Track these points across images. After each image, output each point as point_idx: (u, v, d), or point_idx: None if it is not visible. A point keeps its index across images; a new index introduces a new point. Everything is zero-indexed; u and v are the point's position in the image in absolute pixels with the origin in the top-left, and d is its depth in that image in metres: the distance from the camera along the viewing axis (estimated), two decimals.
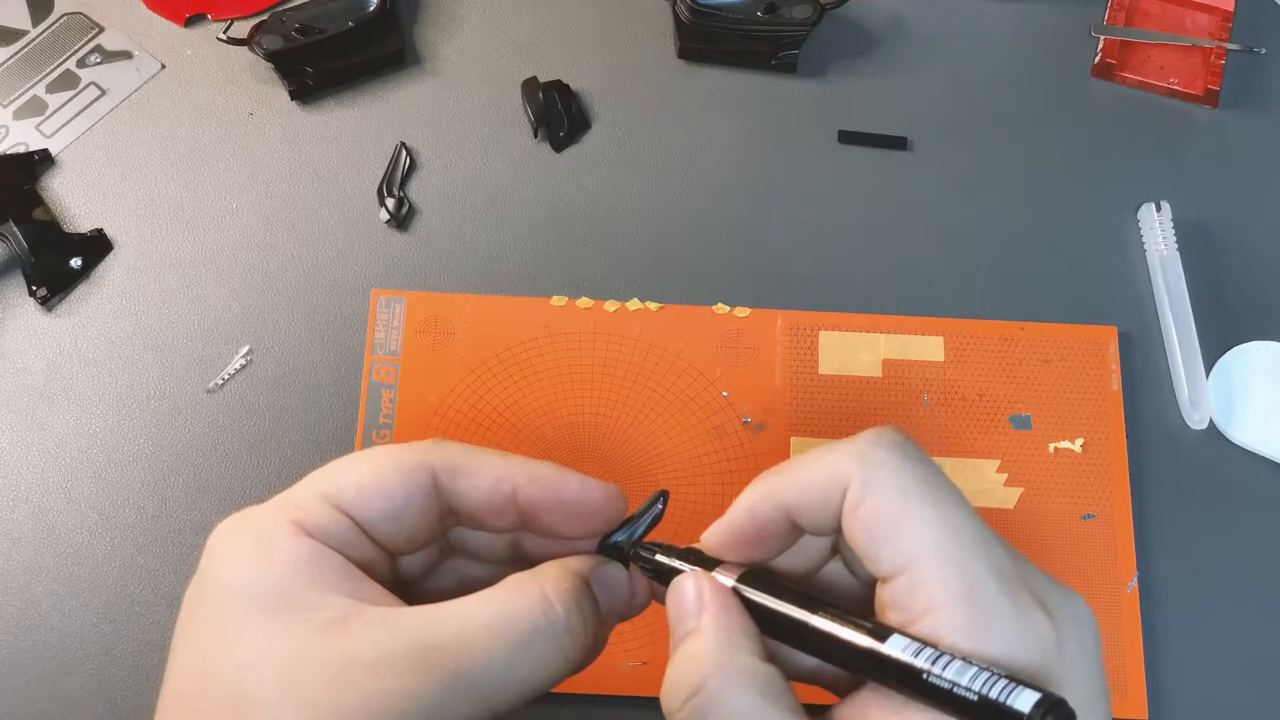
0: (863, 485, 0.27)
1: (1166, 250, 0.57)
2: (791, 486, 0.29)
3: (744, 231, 0.58)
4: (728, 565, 0.31)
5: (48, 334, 0.55)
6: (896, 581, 0.27)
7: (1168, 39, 0.62)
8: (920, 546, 0.26)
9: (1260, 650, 0.51)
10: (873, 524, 0.27)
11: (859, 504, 0.28)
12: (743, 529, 0.31)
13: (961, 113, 0.61)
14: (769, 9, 0.58)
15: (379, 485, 0.31)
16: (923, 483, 0.27)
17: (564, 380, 0.53)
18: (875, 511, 0.27)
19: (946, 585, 0.26)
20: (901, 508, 0.27)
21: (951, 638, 0.26)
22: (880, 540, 0.27)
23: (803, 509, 0.29)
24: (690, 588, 0.30)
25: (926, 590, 0.26)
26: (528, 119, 0.59)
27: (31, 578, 0.50)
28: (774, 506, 0.30)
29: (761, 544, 0.31)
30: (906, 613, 0.27)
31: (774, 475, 0.30)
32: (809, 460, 0.29)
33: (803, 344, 0.54)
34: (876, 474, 0.27)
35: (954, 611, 0.26)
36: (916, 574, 0.26)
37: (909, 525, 0.27)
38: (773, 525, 0.30)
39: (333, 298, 0.56)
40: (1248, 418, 0.54)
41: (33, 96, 0.60)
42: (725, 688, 0.27)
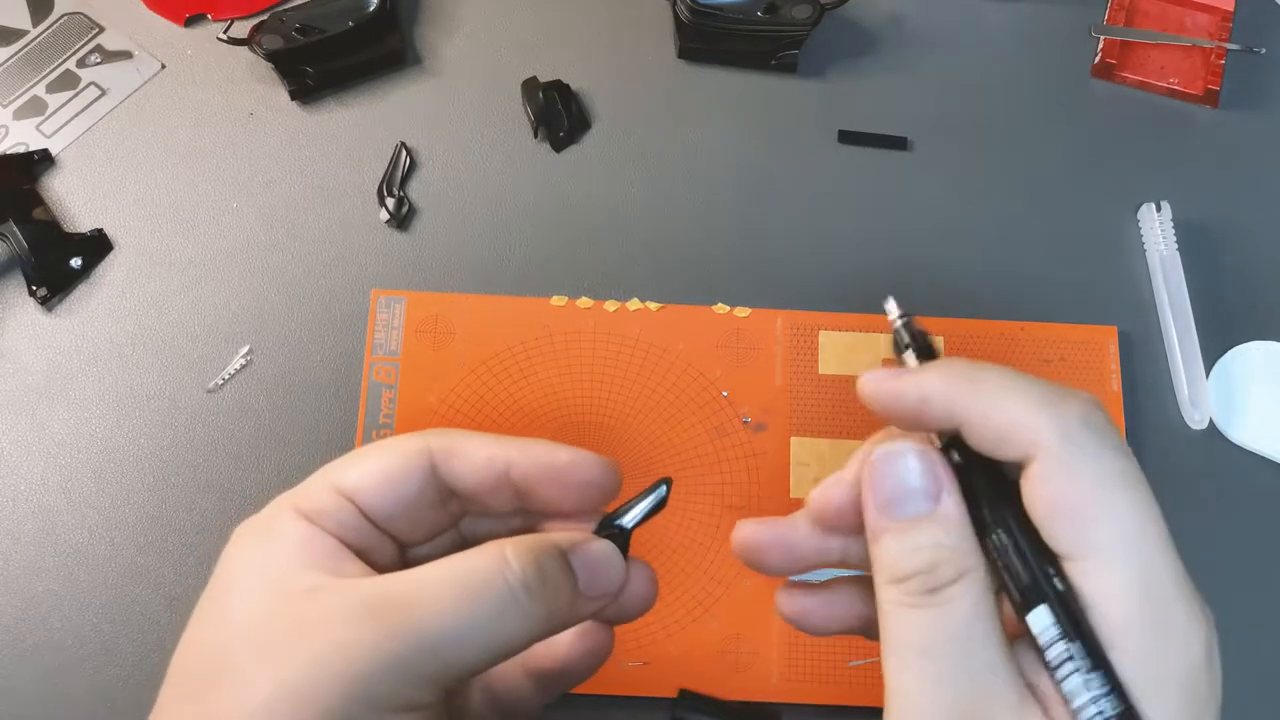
0: (1056, 462, 0.26)
1: (1166, 250, 0.57)
2: (974, 409, 0.28)
3: (744, 231, 0.58)
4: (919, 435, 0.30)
5: (48, 334, 0.55)
6: (1071, 563, 0.26)
7: (1168, 39, 0.62)
8: (1106, 538, 0.26)
9: (1260, 650, 0.51)
10: (1061, 507, 0.26)
11: (1047, 479, 0.27)
12: (908, 405, 0.29)
13: (961, 113, 0.61)
14: (769, 9, 0.58)
15: (380, 469, 0.32)
16: (1119, 476, 0.26)
17: (564, 380, 0.53)
18: (1066, 495, 0.26)
19: (1128, 580, 0.26)
20: (1094, 500, 0.26)
21: (1123, 634, 0.25)
22: (1065, 524, 0.26)
23: (975, 432, 0.28)
24: (923, 464, 0.29)
25: (1104, 580, 0.26)
26: (528, 119, 0.59)
27: (31, 578, 0.50)
28: (947, 410, 0.28)
29: (917, 424, 0.29)
30: (1085, 598, 0.26)
31: (960, 379, 0.28)
32: (1000, 391, 0.28)
33: (803, 344, 0.54)
34: (1075, 457, 0.26)
35: (1131, 608, 0.25)
36: (1095, 562, 0.26)
37: (1098, 519, 0.26)
38: (935, 421, 0.29)
39: (333, 298, 0.56)
40: (1248, 418, 0.54)
41: (33, 96, 0.60)
42: (968, 592, 0.27)
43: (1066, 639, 0.26)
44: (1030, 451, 0.27)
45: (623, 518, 0.33)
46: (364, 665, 0.27)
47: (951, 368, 0.29)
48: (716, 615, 0.50)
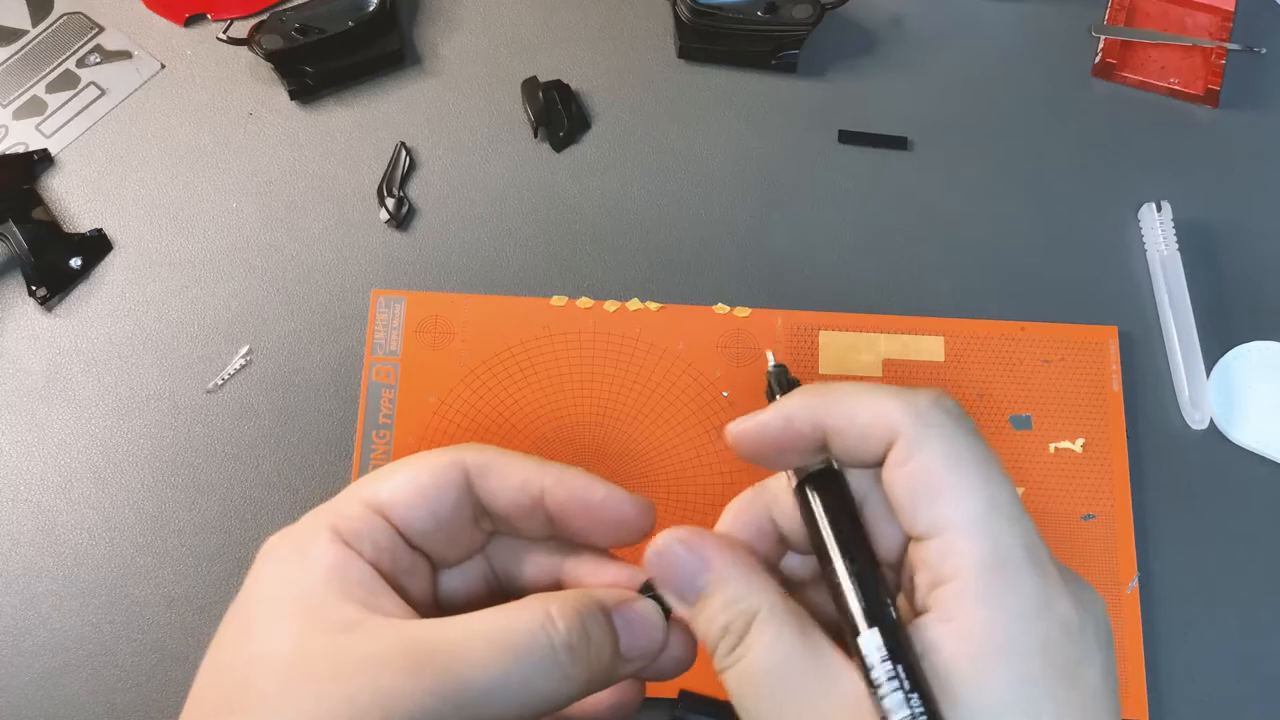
0: (912, 443, 0.28)
1: (1167, 250, 0.57)
2: (836, 413, 0.29)
3: (744, 231, 0.58)
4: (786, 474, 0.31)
5: (48, 334, 0.55)
6: (929, 543, 0.27)
7: (1168, 39, 0.62)
8: (958, 515, 0.27)
9: (1261, 650, 0.51)
10: (915, 484, 0.27)
11: (904, 461, 0.28)
12: (774, 431, 0.30)
13: (961, 113, 0.61)
14: (769, 9, 0.58)
15: (413, 483, 0.31)
16: (971, 454, 0.28)
17: (564, 380, 0.53)
18: (920, 472, 0.27)
19: (979, 555, 0.26)
20: (946, 474, 0.27)
21: (968, 606, 0.26)
22: (919, 502, 0.27)
23: (840, 438, 0.29)
24: (685, 546, 0.31)
25: (958, 557, 0.27)
26: (528, 119, 0.59)
27: (31, 578, 0.50)
28: (811, 423, 0.30)
29: (784, 454, 0.31)
30: (935, 574, 0.27)
31: (818, 394, 0.30)
32: (857, 393, 0.29)
33: (803, 344, 0.54)
34: (927, 435, 0.28)
35: (982, 580, 0.26)
36: (950, 540, 0.27)
37: (950, 493, 0.27)
38: (802, 440, 0.30)
39: (333, 298, 0.56)
40: (1248, 418, 0.54)
41: (32, 96, 0.60)
42: (768, 624, 0.28)
43: (891, 661, 0.26)
44: (890, 438, 0.28)
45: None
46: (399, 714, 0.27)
47: (809, 388, 0.30)
48: None
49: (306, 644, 0.28)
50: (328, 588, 0.29)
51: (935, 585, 0.27)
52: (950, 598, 0.26)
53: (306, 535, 0.31)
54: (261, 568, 0.31)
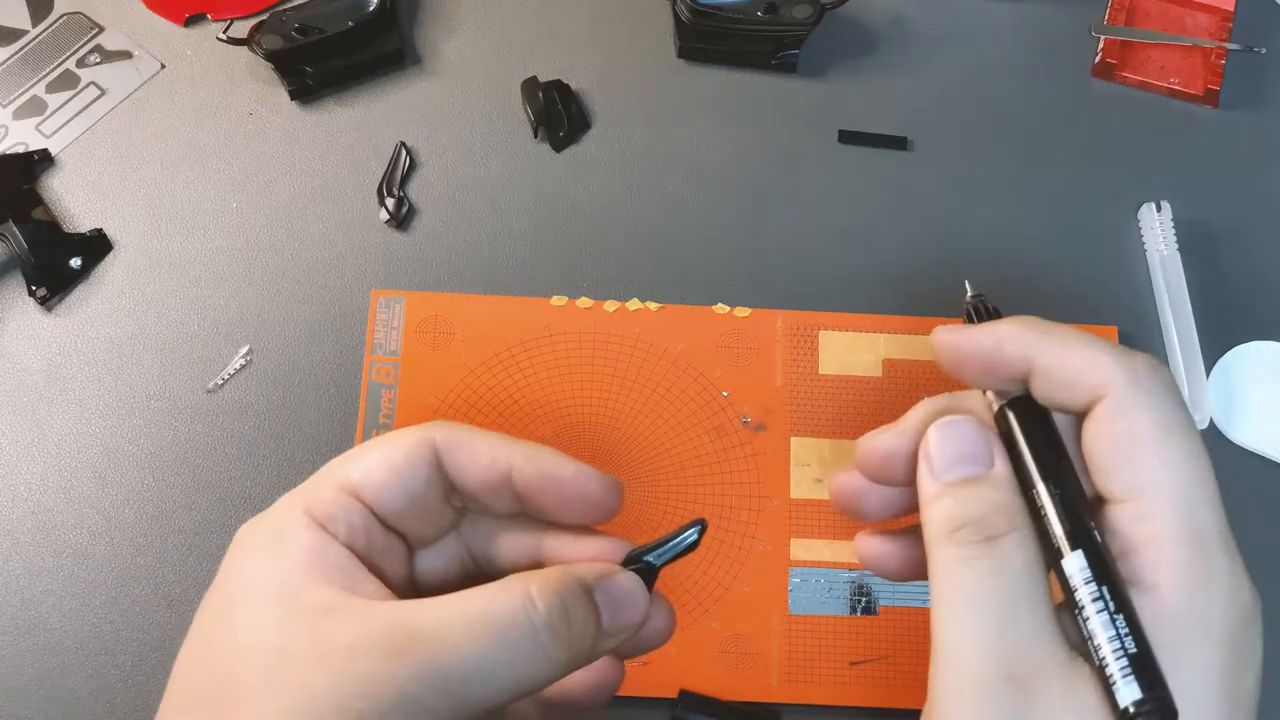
0: (1122, 402, 0.27)
1: (1166, 250, 0.57)
2: (1050, 351, 0.29)
3: (744, 231, 0.58)
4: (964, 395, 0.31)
5: (48, 334, 0.55)
6: (1123, 507, 0.27)
7: (1168, 39, 0.62)
8: (1161, 483, 0.26)
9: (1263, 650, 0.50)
10: (1119, 445, 0.27)
11: (1111, 418, 0.27)
12: (982, 350, 0.30)
13: (961, 113, 0.61)
14: (769, 9, 0.58)
15: (386, 462, 0.31)
16: (1181, 426, 0.27)
17: (564, 380, 0.53)
18: (1127, 433, 0.27)
19: (1176, 526, 0.26)
20: (1153, 441, 0.27)
21: (1168, 576, 0.26)
22: (1120, 463, 0.27)
23: (1046, 377, 0.29)
24: (979, 431, 0.30)
25: (1154, 524, 0.26)
26: (528, 119, 0.59)
27: (31, 578, 0.50)
28: (1021, 354, 0.29)
29: (986, 374, 0.30)
30: (1126, 540, 0.27)
31: (1034, 328, 0.29)
32: (1074, 338, 0.29)
33: (803, 344, 0.54)
34: (1140, 397, 0.27)
35: (1177, 552, 0.26)
36: (1148, 505, 0.26)
37: (1155, 460, 0.27)
38: (1007, 367, 0.30)
39: (333, 298, 0.56)
40: (1248, 418, 0.54)
41: (32, 96, 0.60)
42: (1021, 546, 0.28)
43: (1095, 583, 0.26)
44: (1098, 393, 0.28)
45: (651, 553, 0.33)
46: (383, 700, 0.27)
47: (1025, 319, 0.30)
48: (716, 615, 0.50)
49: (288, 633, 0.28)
50: (307, 573, 0.29)
51: (1126, 552, 0.27)
52: (1145, 566, 0.26)
53: (282, 520, 0.31)
54: (237, 555, 0.31)
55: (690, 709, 0.48)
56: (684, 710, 0.47)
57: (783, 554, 0.51)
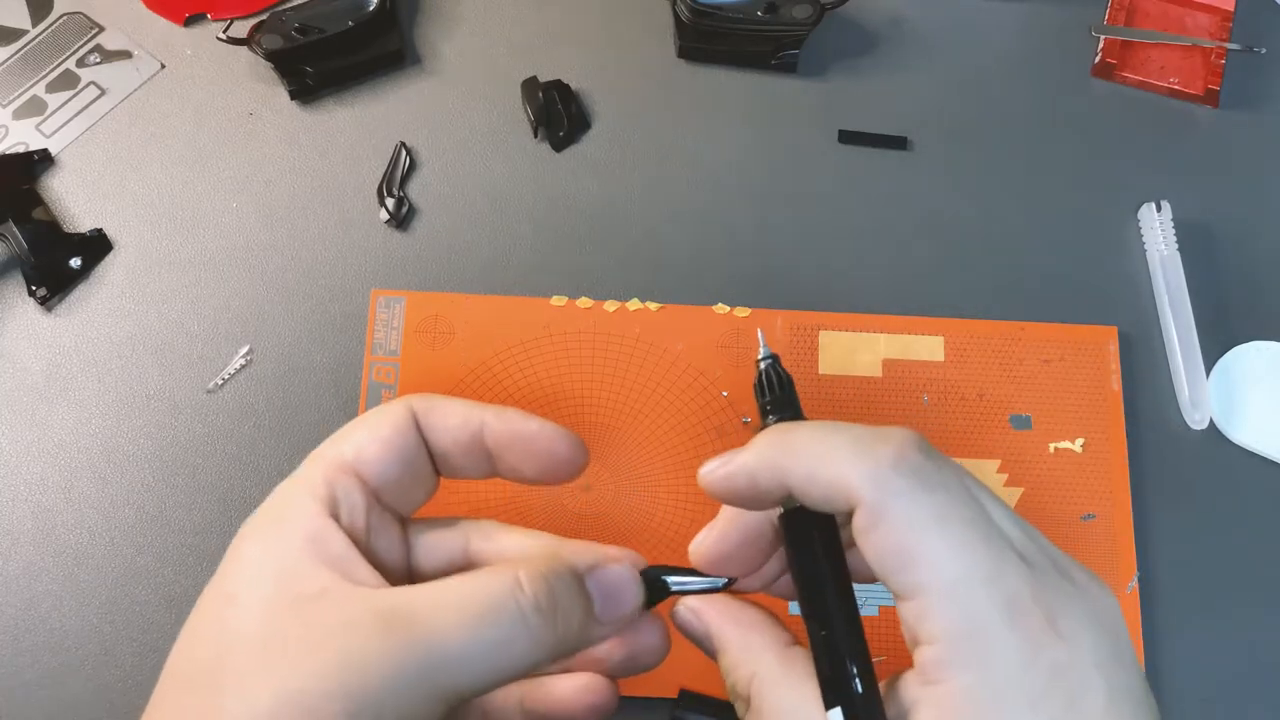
0: (874, 511, 0.27)
1: (1166, 250, 0.57)
2: (797, 474, 0.29)
3: (744, 231, 0.58)
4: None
5: (48, 334, 0.55)
6: (907, 605, 0.27)
7: (1168, 39, 0.62)
8: (928, 581, 0.27)
9: (1261, 650, 0.51)
10: (882, 551, 0.27)
11: (870, 528, 0.28)
12: (740, 486, 0.30)
13: (961, 113, 0.61)
14: (769, 9, 0.58)
15: (376, 436, 0.33)
16: (938, 517, 0.27)
17: (564, 380, 0.53)
18: (885, 540, 0.27)
19: (951, 624, 0.26)
20: (912, 542, 0.27)
21: (951, 672, 0.26)
22: (889, 567, 0.27)
23: (805, 497, 0.29)
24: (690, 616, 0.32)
25: (932, 624, 0.27)
26: (528, 119, 0.59)
27: (31, 578, 0.50)
28: (775, 481, 0.30)
29: (756, 503, 0.31)
30: (913, 634, 0.27)
31: (778, 450, 0.30)
32: (813, 452, 0.29)
33: (803, 344, 0.54)
34: (889, 503, 0.27)
35: (957, 648, 0.26)
36: (922, 604, 0.27)
37: (918, 561, 0.27)
38: (769, 496, 0.30)
39: (333, 298, 0.56)
40: (1248, 418, 0.54)
41: (32, 96, 0.60)
42: (767, 684, 0.29)
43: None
44: (852, 503, 0.28)
45: (671, 576, 0.33)
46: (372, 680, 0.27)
47: (770, 437, 0.30)
48: None
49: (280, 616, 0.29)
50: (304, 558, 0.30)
51: (915, 644, 0.27)
52: (929, 661, 0.27)
53: (282, 506, 0.32)
54: (239, 543, 0.31)
55: (690, 709, 0.48)
56: (684, 710, 0.47)
57: None
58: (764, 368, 0.33)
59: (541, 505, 0.51)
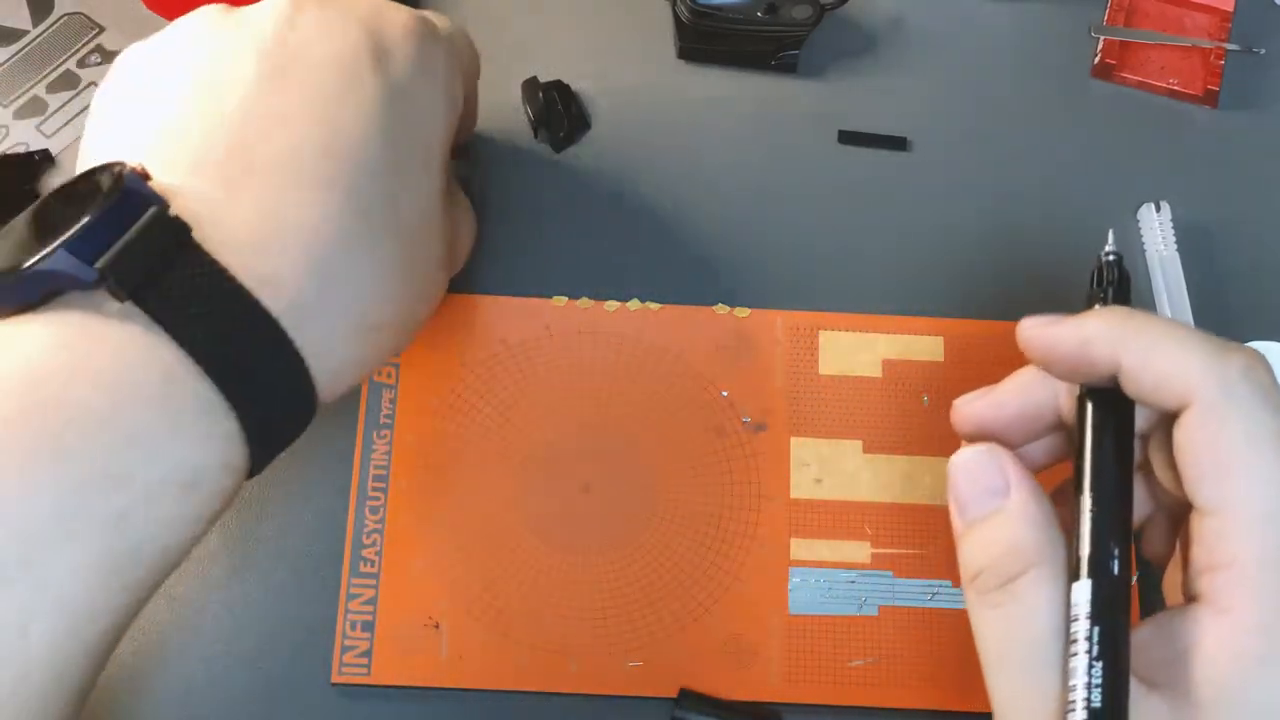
0: (1210, 412, 0.26)
1: (1166, 250, 0.57)
2: (1136, 352, 0.27)
3: (744, 231, 0.58)
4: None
5: None
6: (1208, 520, 0.26)
7: (1167, 39, 0.62)
8: (1248, 501, 0.25)
9: None
10: (1206, 456, 0.26)
11: (1199, 427, 0.26)
12: (1066, 349, 0.29)
13: (961, 113, 0.61)
14: (769, 9, 0.58)
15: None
16: (1272, 437, 0.26)
17: (564, 380, 0.53)
18: (1213, 445, 0.26)
19: (1260, 549, 0.25)
20: (1242, 455, 0.26)
21: (1246, 601, 0.25)
22: (1207, 475, 0.26)
23: (1133, 380, 0.28)
24: (991, 463, 0.30)
25: (1235, 545, 0.25)
26: (528, 119, 0.59)
27: None
28: (1108, 354, 0.28)
29: (1073, 372, 0.29)
30: (1211, 555, 0.26)
31: (1121, 324, 0.28)
32: (1163, 337, 0.27)
33: (803, 344, 0.54)
34: (1229, 408, 0.26)
35: (1259, 577, 0.25)
36: (1231, 524, 0.26)
37: (1243, 476, 0.26)
38: (1093, 367, 0.29)
39: None
40: None
41: (33, 96, 0.60)
42: (1038, 584, 0.27)
43: (1090, 620, 0.25)
44: (1186, 399, 0.27)
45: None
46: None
47: (1115, 312, 0.29)
48: (716, 615, 0.50)
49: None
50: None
51: (1211, 569, 0.26)
52: (1226, 587, 0.25)
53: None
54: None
55: (690, 709, 0.48)
56: (684, 710, 0.48)
57: (783, 554, 0.51)
58: (1111, 259, 0.32)
59: (539, 505, 0.51)
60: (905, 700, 0.49)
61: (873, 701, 0.49)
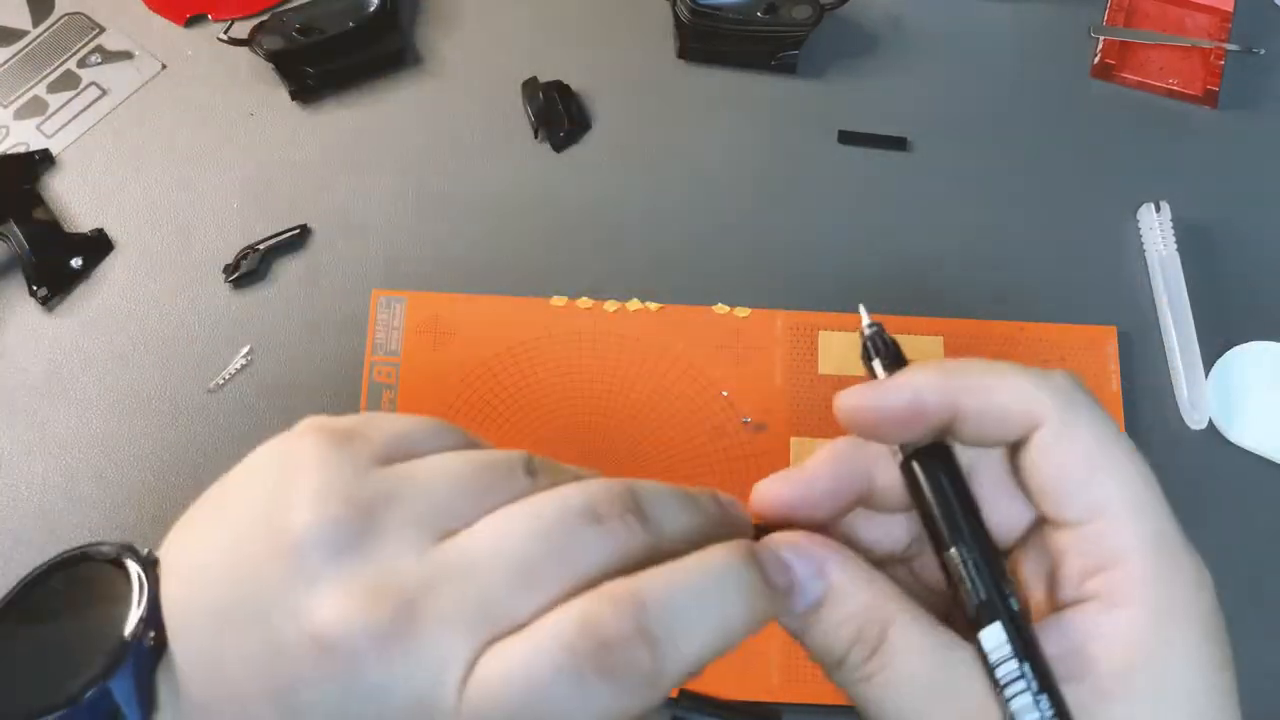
0: (1061, 426, 0.27)
1: (1166, 250, 0.57)
2: (973, 394, 0.27)
3: (744, 231, 0.58)
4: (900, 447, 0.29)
5: (48, 334, 0.55)
6: (1084, 528, 0.27)
7: (1167, 39, 0.62)
8: (1117, 497, 0.26)
9: (1260, 650, 0.51)
10: (1068, 469, 0.27)
11: (1053, 444, 0.27)
12: (897, 409, 0.28)
13: (961, 113, 0.61)
14: (769, 9, 0.58)
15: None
16: (1115, 434, 0.27)
17: (564, 380, 0.53)
18: (1073, 456, 0.27)
19: (1148, 537, 0.26)
20: (1102, 457, 0.26)
21: (1141, 590, 0.26)
22: (1073, 486, 0.27)
23: (974, 421, 0.28)
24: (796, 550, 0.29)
25: (1119, 540, 0.26)
26: (528, 119, 0.59)
27: None
28: (943, 404, 0.27)
29: (903, 431, 0.28)
30: (1092, 560, 0.26)
31: (949, 374, 0.28)
32: (991, 374, 0.28)
33: (803, 344, 0.54)
34: (1076, 417, 0.27)
35: (1152, 562, 0.26)
36: (1109, 524, 0.26)
37: (1109, 475, 0.26)
38: (927, 420, 0.28)
39: (333, 297, 0.56)
40: (1247, 418, 0.54)
41: (33, 96, 0.60)
42: (908, 630, 0.27)
43: (1018, 659, 0.26)
44: (1033, 422, 0.27)
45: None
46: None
47: (928, 365, 0.29)
48: None
49: None
50: None
51: (1095, 572, 0.26)
52: (1115, 584, 0.26)
53: None
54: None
55: (690, 708, 0.47)
56: (684, 709, 0.47)
57: None
58: (871, 333, 0.31)
59: None
60: None
61: None
